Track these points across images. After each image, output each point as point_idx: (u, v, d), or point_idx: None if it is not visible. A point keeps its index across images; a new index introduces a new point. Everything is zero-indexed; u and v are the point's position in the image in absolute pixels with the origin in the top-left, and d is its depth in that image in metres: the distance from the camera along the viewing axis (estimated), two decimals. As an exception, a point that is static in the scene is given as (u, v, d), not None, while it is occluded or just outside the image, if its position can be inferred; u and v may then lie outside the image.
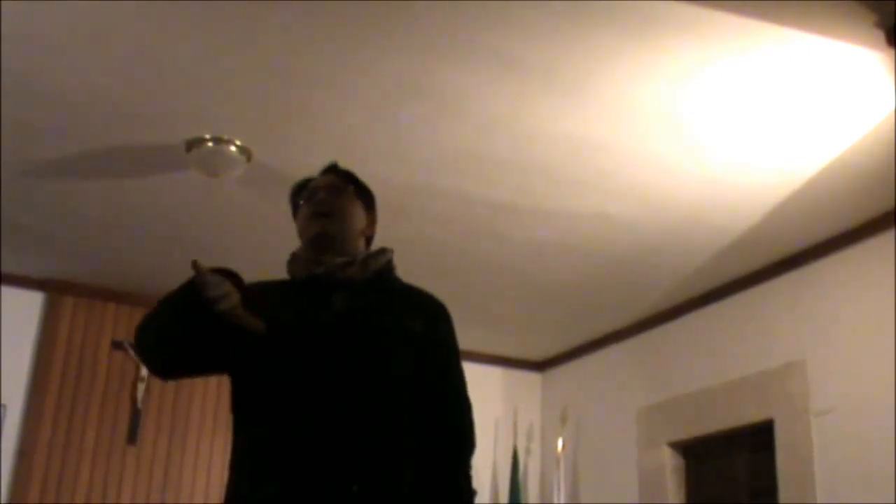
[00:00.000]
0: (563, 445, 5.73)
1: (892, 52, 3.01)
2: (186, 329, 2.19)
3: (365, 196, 2.53)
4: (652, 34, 3.10)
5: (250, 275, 2.37)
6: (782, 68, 3.23)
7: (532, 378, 6.44)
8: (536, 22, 3.06)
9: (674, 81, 3.34)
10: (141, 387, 5.56)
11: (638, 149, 3.79)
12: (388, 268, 2.43)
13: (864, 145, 3.65)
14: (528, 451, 6.10)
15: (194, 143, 3.89)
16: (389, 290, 2.39)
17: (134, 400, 5.55)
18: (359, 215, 2.46)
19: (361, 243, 2.46)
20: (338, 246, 2.36)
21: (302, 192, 2.51)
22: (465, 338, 2.61)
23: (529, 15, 3.03)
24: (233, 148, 3.90)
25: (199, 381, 5.71)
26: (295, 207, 2.53)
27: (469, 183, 4.09)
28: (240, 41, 3.27)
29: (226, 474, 2.35)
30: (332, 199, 2.42)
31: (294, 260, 2.42)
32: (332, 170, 2.55)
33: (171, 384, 5.65)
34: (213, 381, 5.70)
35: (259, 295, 2.28)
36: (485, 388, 5.79)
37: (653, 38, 3.12)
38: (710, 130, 3.64)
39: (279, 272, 2.39)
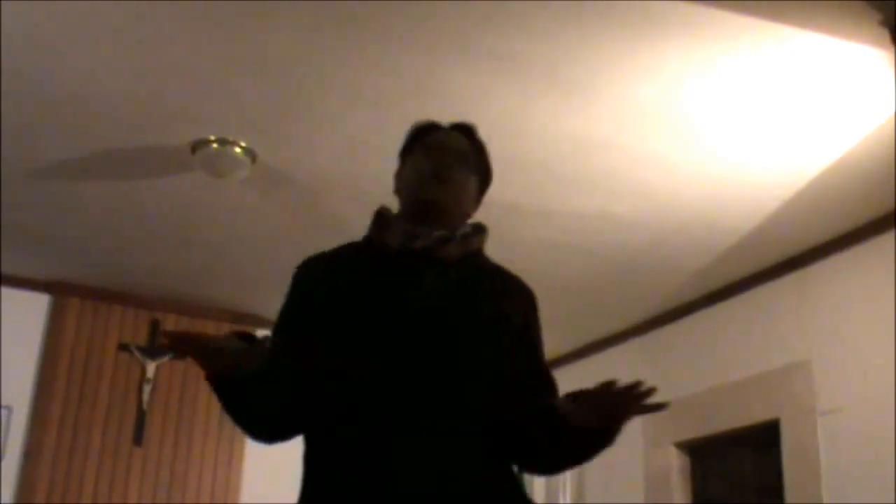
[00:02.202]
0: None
1: (896, 50, 3.02)
2: (258, 402, 1.99)
3: (485, 178, 2.26)
4: (656, 34, 3.09)
5: (254, 277, 2.32)
6: (787, 67, 3.23)
7: (538, 378, 6.42)
8: (541, 22, 3.06)
9: (678, 81, 3.34)
10: (146, 388, 5.58)
11: (642, 148, 3.79)
12: (483, 247, 2.20)
13: (869, 144, 3.64)
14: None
15: (199, 145, 3.90)
16: (482, 272, 2.15)
17: (140, 401, 5.56)
18: (472, 193, 2.20)
19: (462, 222, 2.19)
20: (444, 219, 2.09)
21: (426, 134, 2.21)
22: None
23: (534, 15, 3.03)
24: (237, 149, 3.91)
25: (204, 382, 5.71)
26: (408, 148, 2.23)
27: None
28: (244, 43, 3.27)
29: (293, 472, 2.11)
30: (457, 168, 2.14)
31: (384, 222, 2.13)
32: (468, 132, 2.25)
33: (176, 386, 5.67)
34: (218, 382, 5.71)
35: (327, 270, 2.10)
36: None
37: (657, 38, 3.12)
38: (715, 130, 3.63)
39: (285, 272, 2.25)
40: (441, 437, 1.90)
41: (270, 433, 2.07)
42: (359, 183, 4.08)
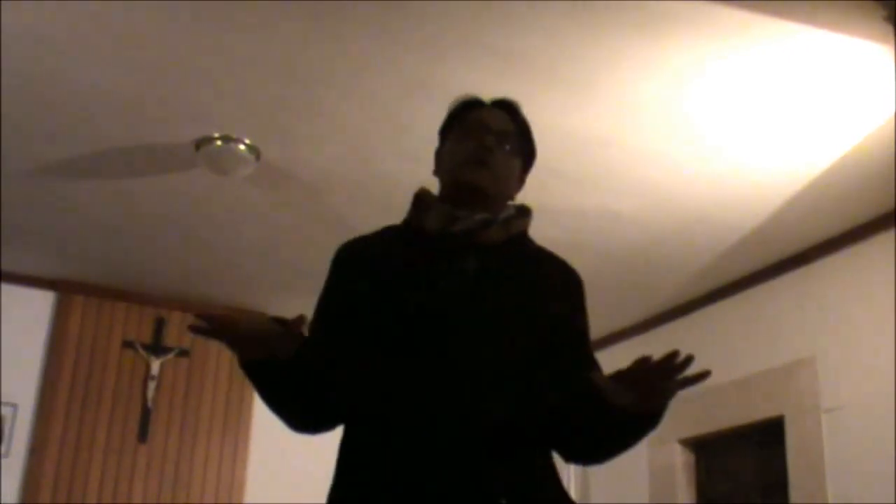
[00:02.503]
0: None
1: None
2: (299, 393, 1.88)
3: (529, 158, 2.16)
4: (658, 31, 3.09)
5: (257, 274, 2.30)
6: (790, 64, 3.22)
7: (541, 375, 6.42)
8: (543, 20, 3.07)
9: (680, 78, 3.34)
10: (151, 385, 5.59)
11: (644, 146, 3.79)
12: (527, 230, 2.10)
13: (873, 140, 3.63)
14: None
15: (203, 142, 3.90)
16: (526, 257, 2.05)
17: (144, 398, 5.57)
18: (515, 175, 2.10)
19: (505, 204, 2.10)
20: (486, 203, 2.00)
21: (469, 111, 2.11)
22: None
23: (536, 13, 3.03)
24: (241, 147, 3.91)
25: (208, 379, 5.74)
26: (448, 125, 2.14)
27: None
28: (248, 40, 3.28)
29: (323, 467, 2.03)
30: (499, 150, 2.03)
31: (423, 205, 2.03)
32: (508, 107, 2.14)
33: (181, 383, 5.68)
34: (222, 378, 5.73)
35: (365, 255, 2.01)
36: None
37: (658, 35, 3.12)
38: (717, 127, 3.63)
39: (289, 269, 2.21)
40: (481, 425, 1.80)
41: (307, 422, 1.95)
42: (362, 180, 4.09)
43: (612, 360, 6.15)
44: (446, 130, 2.13)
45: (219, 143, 3.89)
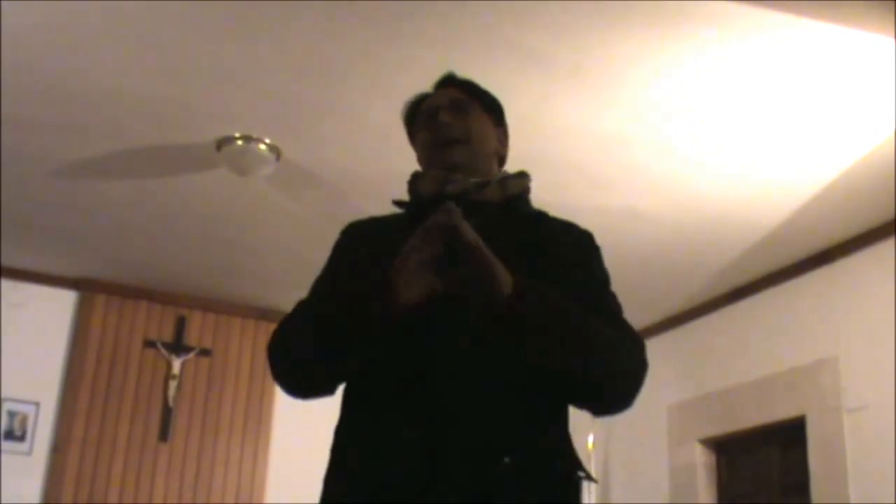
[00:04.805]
0: (594, 442, 5.72)
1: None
2: (362, 343, 1.74)
3: (493, 108, 2.08)
4: (679, 30, 3.08)
5: (278, 273, 2.27)
6: (814, 61, 3.21)
7: (562, 375, 6.41)
8: (564, 19, 3.06)
9: (701, 77, 3.33)
10: (172, 384, 5.61)
11: (665, 145, 3.78)
12: (526, 193, 2.05)
13: (896, 139, 3.62)
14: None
15: (224, 142, 3.92)
16: (530, 218, 1.99)
17: (165, 397, 5.60)
18: (490, 134, 2.04)
19: (496, 166, 2.05)
20: (474, 169, 1.96)
21: (417, 114, 2.09)
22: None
23: (557, 12, 3.03)
24: (262, 146, 3.92)
25: (229, 379, 5.76)
26: (410, 132, 2.13)
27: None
28: (269, 40, 3.28)
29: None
30: (457, 120, 1.99)
31: (418, 178, 2.01)
32: (450, 81, 2.11)
33: (202, 382, 5.70)
34: (244, 377, 5.74)
35: (363, 233, 1.98)
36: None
37: (680, 34, 3.11)
38: (739, 125, 3.62)
39: (310, 268, 2.17)
40: (488, 388, 1.72)
41: (320, 386, 1.85)
42: (383, 179, 4.09)
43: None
44: (411, 132, 2.13)
45: (240, 142, 3.90)
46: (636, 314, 5.74)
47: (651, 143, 3.77)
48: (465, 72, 2.43)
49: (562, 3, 2.98)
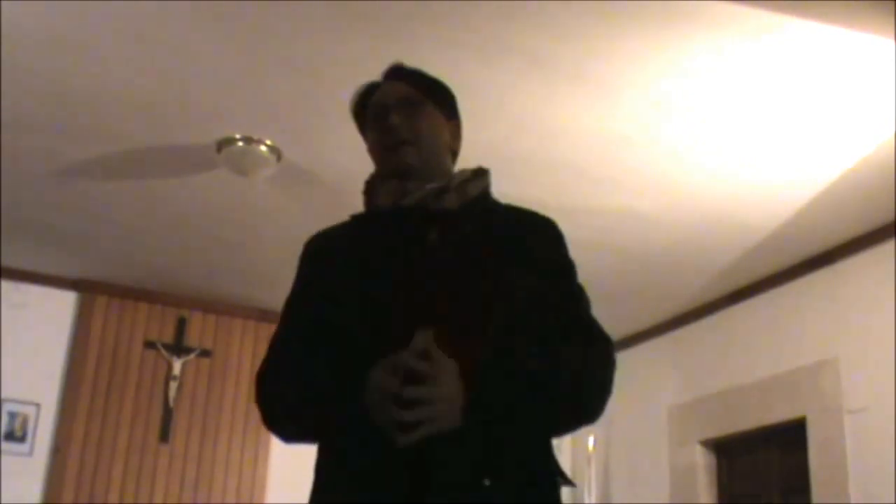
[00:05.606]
0: (594, 444, 5.72)
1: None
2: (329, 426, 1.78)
3: (445, 102, 2.04)
4: (680, 31, 3.08)
5: (279, 275, 2.27)
6: (816, 62, 3.20)
7: (562, 376, 6.41)
8: (565, 20, 3.06)
9: (703, 78, 3.33)
10: (173, 385, 5.61)
11: (667, 145, 3.78)
12: (487, 192, 2.00)
13: (896, 140, 3.62)
14: (558, 450, 6.07)
15: (225, 143, 3.92)
16: (492, 218, 1.95)
17: (166, 398, 5.60)
18: (441, 130, 2.00)
19: (450, 162, 2.02)
20: (424, 175, 1.91)
21: (366, 106, 2.05)
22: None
23: (558, 14, 3.03)
24: (263, 147, 3.92)
25: (230, 380, 5.76)
26: (360, 123, 2.09)
27: (497, 180, 4.06)
28: (270, 41, 3.28)
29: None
30: (407, 120, 1.94)
31: (372, 188, 1.97)
32: (398, 73, 2.07)
33: (202, 383, 5.70)
34: (244, 378, 5.74)
35: (326, 249, 1.97)
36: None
37: (681, 35, 3.10)
38: (739, 127, 3.62)
39: None
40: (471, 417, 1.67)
41: (294, 439, 1.96)
42: (383, 181, 4.09)
43: (634, 362, 6.12)
44: (360, 124, 2.09)
45: (240, 143, 3.90)
46: (636, 315, 5.79)
47: (651, 143, 3.77)
48: (466, 73, 2.44)
49: (562, 3, 2.98)
